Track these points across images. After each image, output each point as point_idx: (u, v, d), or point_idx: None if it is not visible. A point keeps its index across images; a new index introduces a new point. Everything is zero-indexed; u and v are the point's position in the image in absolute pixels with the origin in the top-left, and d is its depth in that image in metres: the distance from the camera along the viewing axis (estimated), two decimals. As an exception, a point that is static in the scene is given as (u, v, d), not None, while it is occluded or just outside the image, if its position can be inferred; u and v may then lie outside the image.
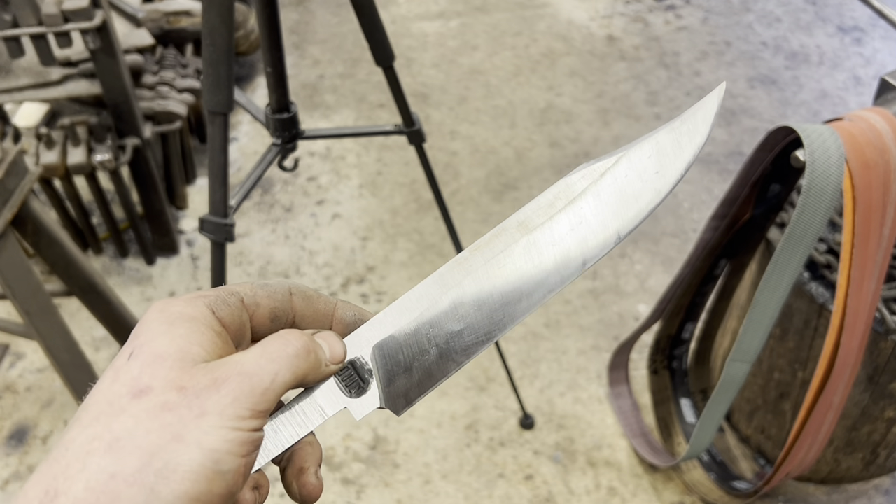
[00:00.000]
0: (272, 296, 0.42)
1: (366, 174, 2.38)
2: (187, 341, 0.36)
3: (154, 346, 0.36)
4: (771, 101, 2.65)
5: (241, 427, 0.35)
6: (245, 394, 0.35)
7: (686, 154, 0.45)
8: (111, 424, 0.34)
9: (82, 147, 1.82)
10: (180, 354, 0.36)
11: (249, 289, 0.41)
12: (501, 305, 0.43)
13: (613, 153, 0.45)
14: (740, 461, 1.70)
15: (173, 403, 0.34)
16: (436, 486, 1.66)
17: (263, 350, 0.38)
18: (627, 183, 0.44)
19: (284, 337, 0.39)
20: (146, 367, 0.35)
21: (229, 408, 0.35)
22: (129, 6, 2.14)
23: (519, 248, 0.43)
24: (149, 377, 0.35)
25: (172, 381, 0.35)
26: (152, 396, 0.34)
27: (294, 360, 0.38)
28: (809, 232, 1.17)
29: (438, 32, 2.98)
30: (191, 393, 0.34)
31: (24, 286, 1.37)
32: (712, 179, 2.35)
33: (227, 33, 1.04)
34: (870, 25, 2.99)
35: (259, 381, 0.36)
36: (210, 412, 0.34)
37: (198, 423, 0.34)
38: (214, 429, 0.34)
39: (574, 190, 0.44)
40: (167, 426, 0.33)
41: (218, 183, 1.16)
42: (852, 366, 1.28)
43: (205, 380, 0.35)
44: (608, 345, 1.90)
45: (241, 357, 0.37)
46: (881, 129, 1.19)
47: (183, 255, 2.14)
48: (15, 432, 1.74)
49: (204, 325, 0.37)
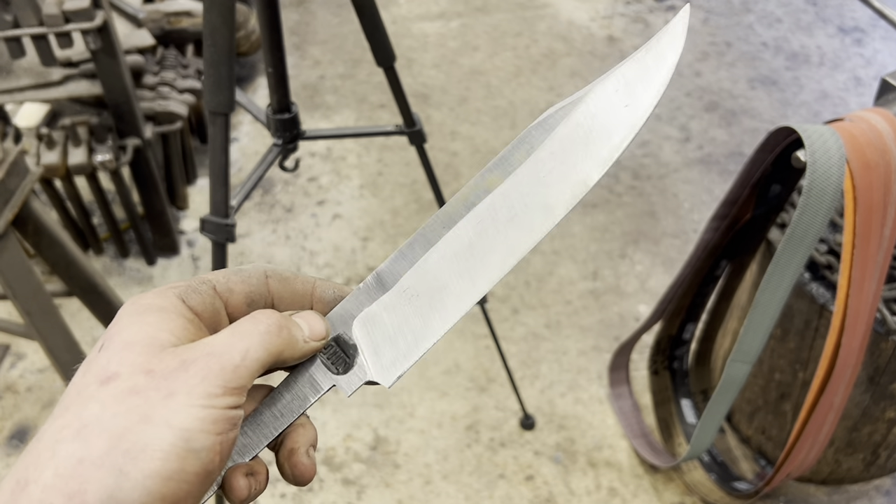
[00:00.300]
0: (246, 280, 0.41)
1: (366, 175, 2.38)
2: (156, 328, 0.36)
3: (123, 335, 0.36)
4: (771, 101, 2.65)
5: (213, 405, 0.34)
6: (214, 372, 0.35)
7: (655, 83, 0.43)
8: (80, 412, 0.34)
9: (83, 147, 1.82)
10: (148, 340, 0.36)
11: (222, 276, 0.41)
12: (478, 259, 0.42)
13: (579, 92, 0.44)
14: (741, 462, 1.70)
15: (141, 387, 0.34)
16: (436, 486, 1.66)
17: (233, 330, 0.38)
18: (596, 122, 0.43)
19: (254, 316, 0.39)
20: (114, 354, 0.35)
21: (198, 387, 0.34)
22: (129, 7, 2.14)
23: (494, 199, 0.42)
24: (116, 364, 0.35)
25: (140, 365, 0.35)
26: (120, 382, 0.34)
27: (265, 336, 0.38)
28: (810, 232, 1.17)
29: (439, 33, 2.98)
30: (159, 376, 0.34)
31: (25, 286, 1.37)
32: (713, 180, 2.35)
33: (229, 34, 1.04)
34: (870, 26, 2.99)
35: (229, 359, 0.36)
36: (178, 392, 0.34)
37: (166, 403, 0.34)
38: (184, 407, 0.34)
39: (544, 132, 0.43)
40: (134, 408, 0.33)
41: (219, 183, 1.16)
42: (853, 366, 1.28)
43: (173, 362, 0.35)
44: (609, 345, 1.90)
45: (211, 339, 0.37)
46: (882, 129, 1.19)
47: (184, 255, 2.14)
48: (16, 432, 1.74)
49: (174, 314, 0.37)
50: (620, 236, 2.18)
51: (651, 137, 2.50)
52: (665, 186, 2.34)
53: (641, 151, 2.45)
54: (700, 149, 2.47)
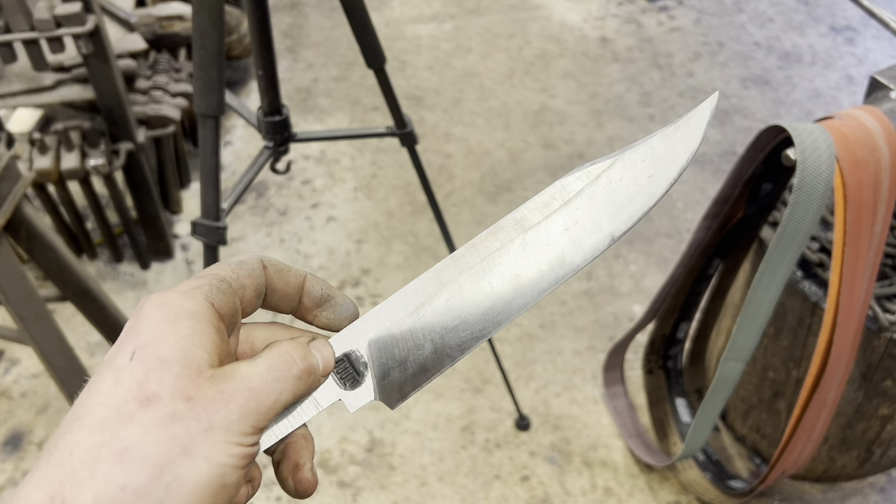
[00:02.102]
0: (252, 273, 0.42)
1: (360, 177, 2.38)
2: (191, 343, 0.36)
3: (158, 349, 0.36)
4: (764, 100, 2.66)
5: (244, 443, 0.36)
6: (251, 411, 0.36)
7: (679, 159, 0.46)
8: (119, 432, 0.34)
9: (76, 152, 1.82)
10: (186, 360, 0.36)
11: (232, 271, 0.41)
12: (496, 303, 0.43)
13: (609, 156, 0.45)
14: (736, 460, 1.70)
15: (181, 414, 0.34)
16: (432, 488, 1.65)
17: (269, 366, 0.38)
18: (621, 186, 0.45)
19: (290, 355, 0.40)
20: (152, 372, 0.35)
21: (235, 424, 0.35)
22: (121, 11, 2.14)
23: (514, 247, 0.44)
24: (156, 384, 0.35)
25: (180, 389, 0.35)
26: (160, 405, 0.34)
27: (297, 381, 0.39)
28: (801, 230, 1.18)
29: (432, 35, 2.99)
30: (198, 404, 0.35)
31: (18, 291, 1.37)
32: (706, 179, 2.36)
33: (218, 36, 1.04)
34: (861, 25, 3.00)
35: (264, 399, 0.37)
36: (217, 427, 0.35)
37: (206, 436, 0.34)
38: (221, 443, 0.35)
39: (569, 191, 0.45)
40: (176, 438, 0.34)
41: (210, 186, 1.16)
42: (846, 364, 1.28)
43: (211, 392, 0.36)
44: (603, 345, 1.90)
45: (248, 370, 0.38)
46: (871, 127, 1.19)
47: (178, 259, 2.14)
48: (10, 438, 1.74)
49: (205, 322, 0.37)
50: (614, 236, 2.18)
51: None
52: (658, 186, 2.34)
53: (635, 152, 2.45)
54: (692, 154, 2.47)
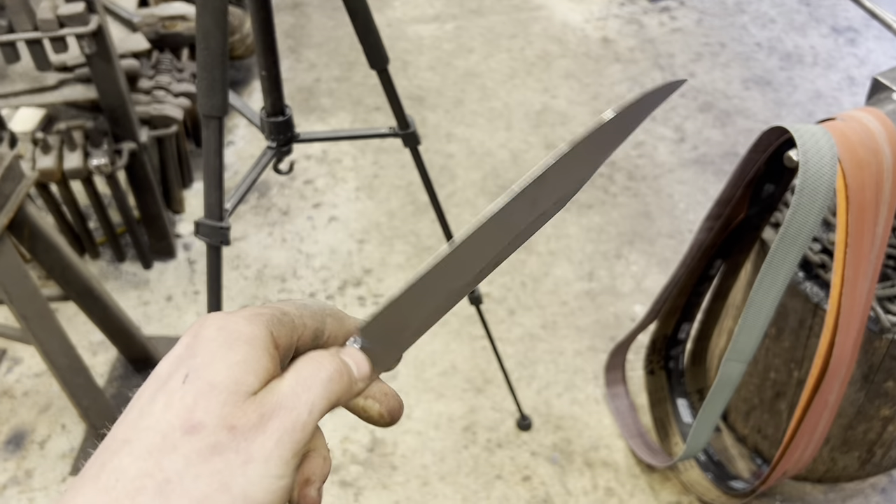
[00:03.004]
0: (314, 316, 0.42)
1: (362, 177, 2.39)
2: (244, 370, 0.36)
3: (210, 374, 0.35)
4: (765, 101, 2.66)
5: (284, 474, 0.35)
6: (287, 431, 0.35)
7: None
8: (162, 462, 0.34)
9: (79, 152, 1.82)
10: (234, 387, 0.35)
11: (296, 309, 0.41)
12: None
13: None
14: (737, 461, 1.70)
15: (223, 446, 0.34)
16: (434, 487, 1.66)
17: (297, 376, 0.37)
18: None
19: (317, 360, 0.38)
20: (200, 397, 0.35)
21: (274, 451, 0.35)
22: (124, 11, 2.15)
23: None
24: (203, 411, 0.34)
25: (224, 418, 0.35)
26: (204, 435, 0.34)
27: (328, 384, 0.38)
28: (803, 231, 1.18)
29: (434, 35, 2.99)
30: (240, 434, 0.34)
31: (21, 291, 1.37)
32: (708, 180, 2.36)
33: (221, 37, 1.05)
34: (863, 26, 3.00)
35: (298, 416, 0.36)
36: (256, 459, 0.34)
37: (244, 471, 0.34)
38: (260, 478, 0.34)
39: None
40: (216, 473, 0.33)
41: (213, 186, 1.16)
42: (847, 365, 1.28)
43: (254, 416, 0.35)
44: (605, 346, 1.90)
45: (279, 386, 0.37)
46: (874, 128, 1.20)
47: (180, 258, 2.14)
48: (12, 437, 1.74)
49: (261, 349, 0.37)
50: (616, 237, 2.19)
51: (646, 138, 2.51)
52: (660, 187, 2.34)
53: (636, 152, 2.46)
54: (695, 149, 2.47)
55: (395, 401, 0.44)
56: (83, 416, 1.59)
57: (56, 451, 1.72)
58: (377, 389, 0.43)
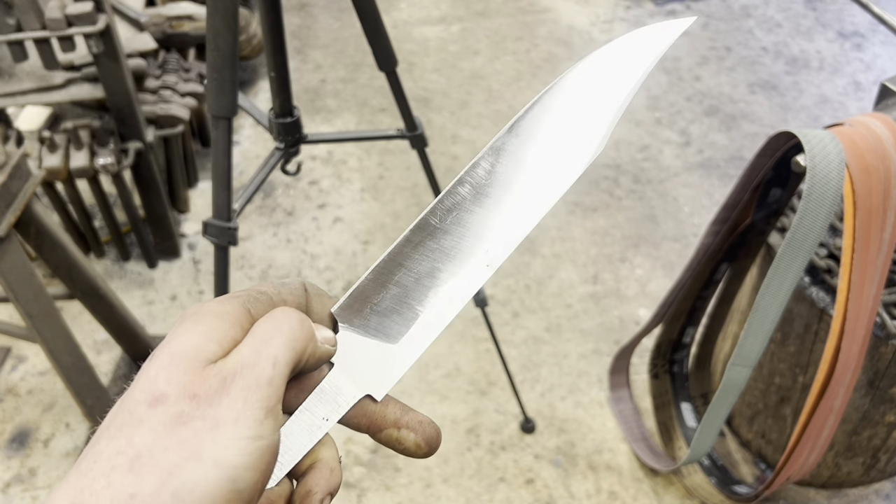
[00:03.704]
0: (294, 293, 0.42)
1: (367, 178, 2.39)
2: (205, 338, 0.36)
3: (173, 345, 0.35)
4: (771, 106, 2.66)
5: (260, 434, 0.34)
6: (252, 389, 0.34)
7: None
8: (132, 437, 0.33)
9: (85, 151, 1.83)
10: (194, 353, 0.35)
11: (273, 288, 0.41)
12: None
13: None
14: (741, 465, 1.70)
15: (188, 414, 0.34)
16: (437, 489, 1.66)
17: (255, 335, 0.37)
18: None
19: (272, 315, 0.38)
20: (162, 369, 0.35)
21: (243, 412, 0.34)
22: (132, 10, 2.15)
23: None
24: (164, 381, 0.34)
25: (185, 386, 0.34)
26: (167, 405, 0.34)
27: (288, 334, 0.37)
28: (810, 237, 1.18)
29: (440, 37, 2.99)
30: (203, 401, 0.34)
31: (27, 289, 1.37)
32: (713, 184, 2.36)
33: (232, 38, 1.05)
34: (870, 31, 3.00)
35: (261, 371, 0.35)
36: (224, 422, 0.33)
37: (213, 436, 0.33)
38: (232, 441, 0.33)
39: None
40: (184, 442, 0.33)
41: (221, 187, 1.16)
42: (853, 370, 1.28)
43: (215, 382, 0.34)
44: (609, 349, 1.90)
45: (239, 349, 0.36)
46: (882, 134, 1.19)
47: (185, 258, 2.15)
48: (16, 435, 1.75)
49: (229, 322, 0.37)
50: (621, 240, 2.19)
51: (651, 142, 2.51)
52: (665, 190, 2.34)
53: (642, 156, 2.46)
54: (700, 153, 2.47)
55: (432, 429, 0.43)
56: (87, 415, 1.60)
57: (60, 449, 1.72)
58: (411, 418, 0.42)
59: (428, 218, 0.44)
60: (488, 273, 0.43)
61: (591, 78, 0.46)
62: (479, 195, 0.44)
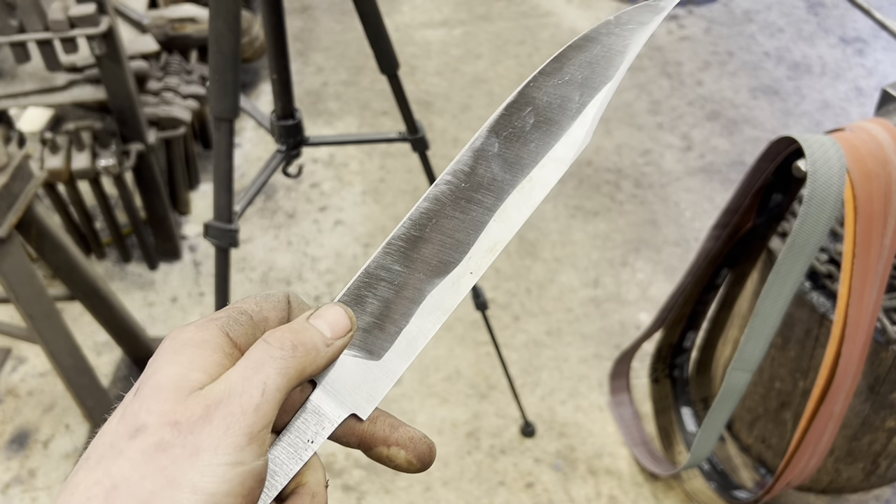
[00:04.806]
0: (277, 306, 0.41)
1: (368, 181, 2.39)
2: (188, 367, 0.35)
3: (155, 378, 0.35)
4: (773, 111, 2.66)
5: (239, 461, 0.33)
6: (236, 417, 0.33)
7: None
8: (110, 468, 0.33)
9: (87, 152, 1.83)
10: (177, 383, 0.34)
11: (255, 304, 0.40)
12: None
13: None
14: (741, 470, 1.70)
15: (167, 442, 0.33)
16: (436, 493, 1.65)
17: (246, 361, 0.36)
18: None
19: (266, 340, 0.37)
20: (144, 401, 0.34)
21: (223, 439, 0.33)
22: (134, 12, 2.15)
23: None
24: (145, 412, 0.34)
25: (166, 415, 0.33)
26: (147, 435, 0.33)
27: (280, 361, 0.36)
28: (811, 242, 1.18)
29: (442, 41, 2.99)
30: (185, 428, 0.33)
31: (28, 290, 1.37)
32: (714, 189, 2.36)
33: (234, 40, 1.05)
34: (872, 37, 3.00)
35: (248, 399, 0.34)
36: (204, 448, 0.33)
37: (192, 463, 0.32)
38: (210, 468, 0.32)
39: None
40: (161, 470, 0.32)
41: (223, 189, 1.16)
42: (853, 376, 1.28)
43: (198, 409, 0.34)
44: (609, 353, 1.90)
45: (228, 375, 0.35)
46: (882, 139, 1.19)
47: (185, 260, 2.15)
48: (16, 437, 1.75)
49: (212, 349, 0.36)
50: (622, 244, 2.19)
51: (653, 146, 2.51)
52: (666, 195, 2.34)
53: (643, 160, 2.46)
54: (702, 157, 2.47)
55: (424, 444, 0.41)
56: (87, 417, 1.60)
57: (59, 450, 1.72)
58: (401, 434, 0.41)
59: (406, 227, 0.42)
60: (472, 280, 0.41)
61: (573, 66, 0.44)
62: (458, 199, 0.42)
